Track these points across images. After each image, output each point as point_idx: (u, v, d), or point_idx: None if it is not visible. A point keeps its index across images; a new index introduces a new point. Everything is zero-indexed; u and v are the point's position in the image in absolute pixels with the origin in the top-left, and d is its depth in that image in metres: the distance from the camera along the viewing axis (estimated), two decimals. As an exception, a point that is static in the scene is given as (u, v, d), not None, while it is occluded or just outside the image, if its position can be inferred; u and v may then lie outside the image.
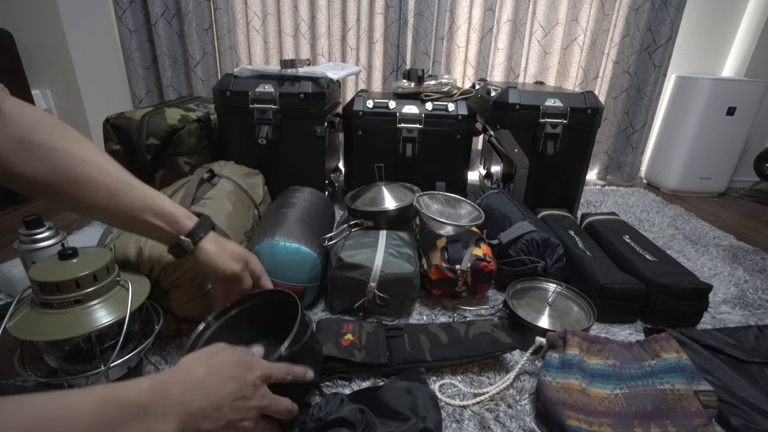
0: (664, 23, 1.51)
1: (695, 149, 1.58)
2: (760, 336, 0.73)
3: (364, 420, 0.49)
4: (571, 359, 0.59)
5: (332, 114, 1.23)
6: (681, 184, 1.64)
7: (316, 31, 1.54)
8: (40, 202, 1.35)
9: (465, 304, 0.83)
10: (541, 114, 1.08)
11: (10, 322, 0.49)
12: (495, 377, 0.65)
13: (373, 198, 0.93)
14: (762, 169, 1.59)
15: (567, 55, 1.63)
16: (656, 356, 0.61)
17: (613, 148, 1.74)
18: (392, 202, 0.90)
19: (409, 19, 1.50)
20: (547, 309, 0.76)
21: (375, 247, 0.78)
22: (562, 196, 1.18)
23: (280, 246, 0.73)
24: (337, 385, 0.62)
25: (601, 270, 0.81)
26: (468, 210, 0.90)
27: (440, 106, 1.18)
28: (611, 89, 1.66)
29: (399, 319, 0.78)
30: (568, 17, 1.57)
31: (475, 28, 1.56)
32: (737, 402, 0.59)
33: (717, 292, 0.91)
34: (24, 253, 0.69)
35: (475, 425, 0.56)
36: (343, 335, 0.66)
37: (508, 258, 0.85)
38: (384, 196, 0.92)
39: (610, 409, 0.55)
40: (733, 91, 1.49)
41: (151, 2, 1.42)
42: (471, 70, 1.62)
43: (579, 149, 1.13)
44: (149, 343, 0.57)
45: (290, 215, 0.83)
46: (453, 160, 1.24)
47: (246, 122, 1.08)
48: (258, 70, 1.09)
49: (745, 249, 1.14)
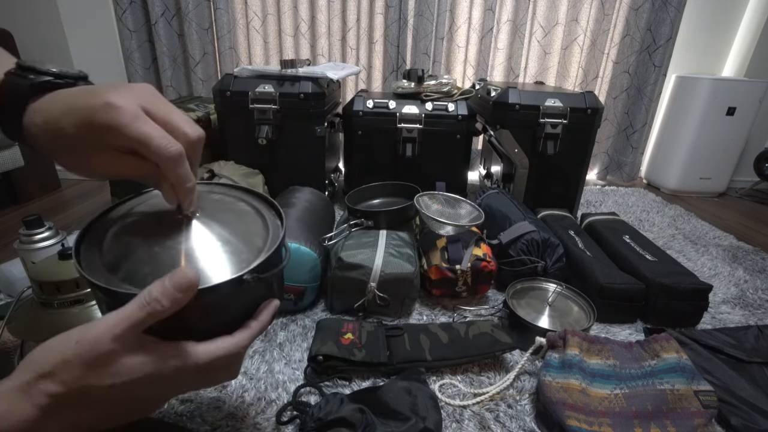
0: (664, 23, 1.51)
1: (695, 149, 1.58)
2: (760, 336, 0.73)
3: (364, 420, 0.49)
4: (571, 359, 0.59)
5: (332, 114, 1.23)
6: (681, 184, 1.64)
7: (316, 31, 1.54)
8: (40, 202, 1.35)
9: (465, 304, 0.83)
10: (541, 114, 1.08)
11: (10, 322, 0.49)
12: (495, 377, 0.65)
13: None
14: (762, 169, 1.59)
15: (567, 55, 1.63)
16: (656, 356, 0.61)
17: (613, 148, 1.74)
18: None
19: (409, 19, 1.50)
20: (547, 309, 0.76)
21: (375, 247, 0.78)
22: (562, 196, 1.18)
23: (280, 246, 0.73)
24: (337, 385, 0.62)
25: (601, 270, 0.81)
26: (468, 210, 0.90)
27: (440, 106, 1.18)
28: (611, 89, 1.66)
29: (399, 319, 0.78)
30: (568, 17, 1.57)
31: (475, 28, 1.56)
32: (737, 402, 0.59)
33: (717, 292, 0.91)
34: (24, 253, 0.69)
35: (475, 425, 0.56)
36: (343, 334, 0.66)
37: (508, 258, 0.85)
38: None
39: (610, 409, 0.55)
40: (733, 91, 1.49)
41: (151, 2, 1.42)
42: (471, 70, 1.62)
43: (579, 149, 1.13)
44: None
45: (290, 215, 0.83)
46: (453, 160, 1.24)
47: (246, 122, 1.08)
48: (258, 70, 1.09)
49: (745, 249, 1.14)
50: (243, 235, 0.36)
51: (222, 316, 0.34)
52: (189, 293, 0.30)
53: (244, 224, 0.38)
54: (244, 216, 0.39)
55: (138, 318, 0.29)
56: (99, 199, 1.38)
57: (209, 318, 0.34)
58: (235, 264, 0.34)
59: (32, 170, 1.34)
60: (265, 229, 0.39)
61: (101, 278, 0.32)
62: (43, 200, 1.37)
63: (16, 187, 1.32)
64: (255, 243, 0.36)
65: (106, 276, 0.32)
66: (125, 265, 0.33)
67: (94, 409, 0.30)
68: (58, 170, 1.49)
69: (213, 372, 0.34)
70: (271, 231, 0.39)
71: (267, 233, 0.38)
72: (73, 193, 1.44)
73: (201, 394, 0.59)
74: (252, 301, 0.36)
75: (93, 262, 0.33)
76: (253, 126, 1.08)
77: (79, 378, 0.28)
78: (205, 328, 0.33)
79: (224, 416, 0.55)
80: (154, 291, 0.29)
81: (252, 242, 0.36)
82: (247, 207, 0.41)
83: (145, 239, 0.34)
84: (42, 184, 1.42)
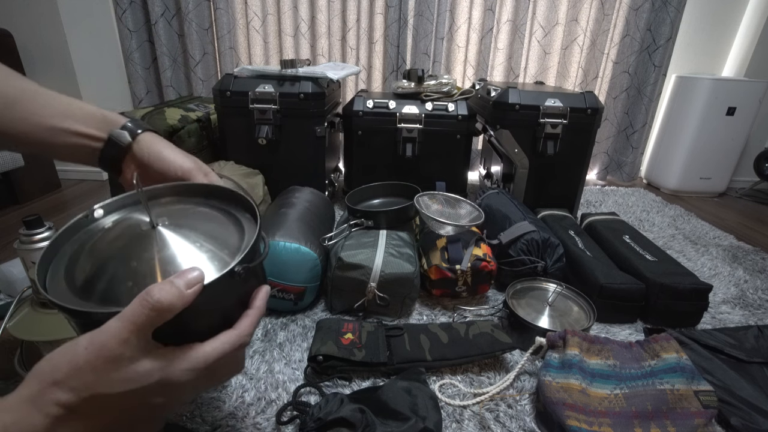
0: (664, 23, 1.51)
1: (695, 149, 1.58)
2: (760, 336, 0.73)
3: (364, 420, 0.49)
4: (571, 359, 0.59)
5: (332, 114, 1.23)
6: (681, 184, 1.64)
7: (316, 31, 1.54)
8: (40, 202, 1.35)
9: (465, 304, 0.83)
10: (541, 114, 1.08)
11: (10, 322, 0.49)
12: (495, 377, 0.65)
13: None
14: (762, 169, 1.59)
15: (567, 55, 1.63)
16: (656, 356, 0.61)
17: (613, 148, 1.74)
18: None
19: (409, 19, 1.50)
20: (547, 309, 0.76)
21: (375, 247, 0.78)
22: (562, 196, 1.18)
23: (280, 246, 0.73)
24: (337, 385, 0.62)
25: (601, 270, 0.81)
26: (468, 210, 0.90)
27: (440, 106, 1.18)
28: (611, 89, 1.66)
29: (399, 319, 0.78)
30: (567, 17, 1.57)
31: (475, 28, 1.56)
32: (737, 402, 0.59)
33: (717, 292, 0.91)
34: (24, 253, 0.69)
35: (475, 425, 0.56)
36: (343, 334, 0.66)
37: (508, 258, 0.85)
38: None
39: (610, 409, 0.55)
40: (733, 91, 1.49)
41: (151, 2, 1.42)
42: (471, 70, 1.62)
43: (579, 149, 1.13)
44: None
45: (290, 215, 0.83)
46: (453, 160, 1.24)
47: (246, 122, 1.08)
48: (258, 70, 1.09)
49: (745, 249, 1.14)
50: (214, 234, 0.37)
51: (220, 312, 0.34)
52: (197, 289, 0.30)
53: (213, 224, 0.38)
54: (210, 217, 0.39)
55: (142, 320, 0.28)
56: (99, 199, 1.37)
57: (208, 316, 0.34)
58: (217, 261, 0.34)
59: (32, 170, 1.34)
60: (233, 222, 0.39)
61: (77, 305, 0.31)
62: (43, 200, 1.37)
63: (16, 187, 1.32)
64: (228, 240, 0.36)
65: (81, 303, 0.31)
66: (100, 285, 0.32)
67: (104, 419, 0.29)
68: (58, 170, 1.49)
69: (222, 369, 0.34)
70: (244, 223, 0.39)
71: (238, 226, 0.38)
72: (73, 193, 1.44)
73: (201, 394, 0.59)
74: (244, 293, 0.37)
75: (63, 293, 0.32)
76: (253, 126, 1.08)
77: (89, 385, 0.28)
78: (206, 327, 0.33)
79: (224, 416, 0.55)
80: (155, 292, 0.28)
81: (225, 240, 0.36)
82: (209, 209, 0.41)
83: (117, 256, 0.34)
84: (42, 184, 1.42)
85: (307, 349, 0.69)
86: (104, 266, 0.33)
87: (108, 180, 1.01)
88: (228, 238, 0.37)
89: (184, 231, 0.36)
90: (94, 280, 0.33)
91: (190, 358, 0.31)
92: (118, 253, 0.34)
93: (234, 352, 0.33)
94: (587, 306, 0.75)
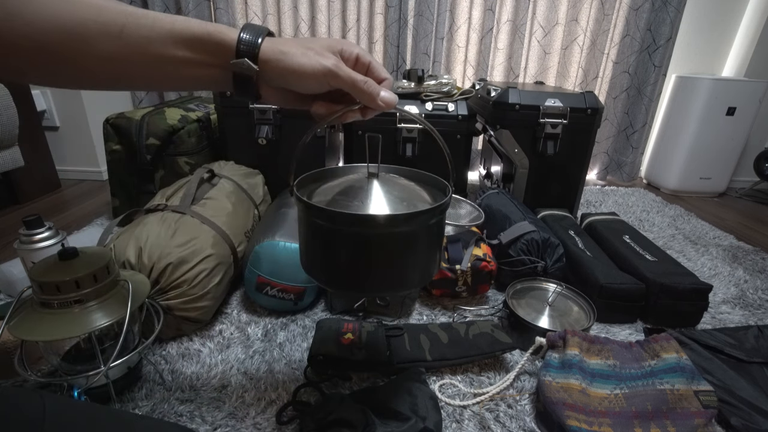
0: (664, 23, 1.51)
1: (695, 149, 1.58)
2: (760, 336, 0.73)
3: (364, 420, 0.49)
4: (571, 359, 0.59)
5: (332, 114, 1.23)
6: (681, 184, 1.64)
7: (316, 31, 1.54)
8: (40, 203, 1.35)
9: (465, 304, 0.83)
10: (541, 114, 1.08)
11: (10, 322, 0.49)
12: (495, 377, 0.65)
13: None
14: (762, 169, 1.59)
15: (567, 55, 1.63)
16: (656, 356, 0.61)
17: (613, 148, 1.75)
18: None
19: (409, 19, 1.50)
20: (547, 309, 0.76)
21: (375, 247, 0.77)
22: (562, 196, 1.18)
23: (280, 246, 0.73)
24: (337, 385, 0.62)
25: (601, 270, 0.81)
26: (468, 210, 0.90)
27: (440, 106, 1.18)
28: (611, 89, 1.66)
29: (399, 319, 0.78)
30: (567, 17, 1.57)
31: (475, 28, 1.56)
32: (737, 402, 0.59)
33: (717, 292, 0.91)
34: (24, 253, 0.69)
35: (475, 425, 0.56)
36: (343, 334, 0.66)
37: (508, 258, 0.85)
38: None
39: (610, 409, 0.55)
40: (733, 91, 1.49)
41: (151, 2, 1.42)
42: (471, 70, 1.62)
43: (579, 149, 1.13)
44: (149, 342, 0.57)
45: (290, 215, 0.83)
46: (453, 160, 1.23)
47: (246, 122, 1.08)
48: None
49: (745, 249, 1.14)
50: (412, 194, 0.50)
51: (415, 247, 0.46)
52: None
53: (412, 190, 0.52)
54: (410, 187, 0.53)
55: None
56: (99, 199, 1.38)
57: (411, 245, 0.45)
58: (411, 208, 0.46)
59: (32, 170, 1.34)
60: (428, 194, 0.51)
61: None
62: (43, 200, 1.37)
63: (16, 187, 1.32)
64: (423, 197, 0.49)
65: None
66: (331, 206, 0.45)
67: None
68: (58, 170, 1.49)
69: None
70: (434, 195, 0.51)
71: (431, 195, 0.51)
72: (73, 193, 1.44)
73: (201, 394, 0.59)
74: (433, 240, 0.48)
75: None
76: (253, 126, 1.08)
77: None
78: (409, 255, 0.46)
79: (224, 416, 0.56)
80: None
81: (420, 196, 0.49)
82: (410, 183, 0.54)
83: (342, 193, 0.48)
84: (42, 184, 1.42)
85: (307, 349, 0.69)
86: (335, 198, 0.47)
87: (108, 180, 1.00)
88: (423, 195, 0.50)
89: (391, 187, 0.50)
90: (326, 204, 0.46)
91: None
92: (342, 193, 0.48)
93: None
94: (587, 306, 0.75)
